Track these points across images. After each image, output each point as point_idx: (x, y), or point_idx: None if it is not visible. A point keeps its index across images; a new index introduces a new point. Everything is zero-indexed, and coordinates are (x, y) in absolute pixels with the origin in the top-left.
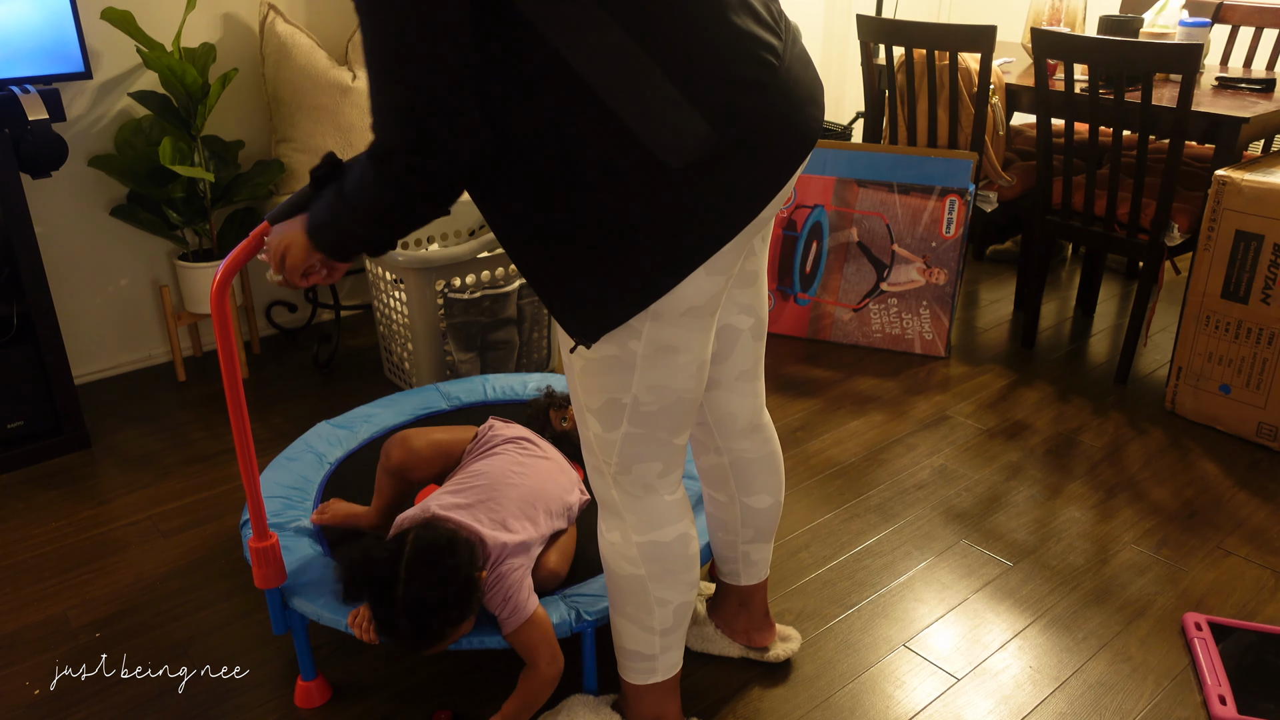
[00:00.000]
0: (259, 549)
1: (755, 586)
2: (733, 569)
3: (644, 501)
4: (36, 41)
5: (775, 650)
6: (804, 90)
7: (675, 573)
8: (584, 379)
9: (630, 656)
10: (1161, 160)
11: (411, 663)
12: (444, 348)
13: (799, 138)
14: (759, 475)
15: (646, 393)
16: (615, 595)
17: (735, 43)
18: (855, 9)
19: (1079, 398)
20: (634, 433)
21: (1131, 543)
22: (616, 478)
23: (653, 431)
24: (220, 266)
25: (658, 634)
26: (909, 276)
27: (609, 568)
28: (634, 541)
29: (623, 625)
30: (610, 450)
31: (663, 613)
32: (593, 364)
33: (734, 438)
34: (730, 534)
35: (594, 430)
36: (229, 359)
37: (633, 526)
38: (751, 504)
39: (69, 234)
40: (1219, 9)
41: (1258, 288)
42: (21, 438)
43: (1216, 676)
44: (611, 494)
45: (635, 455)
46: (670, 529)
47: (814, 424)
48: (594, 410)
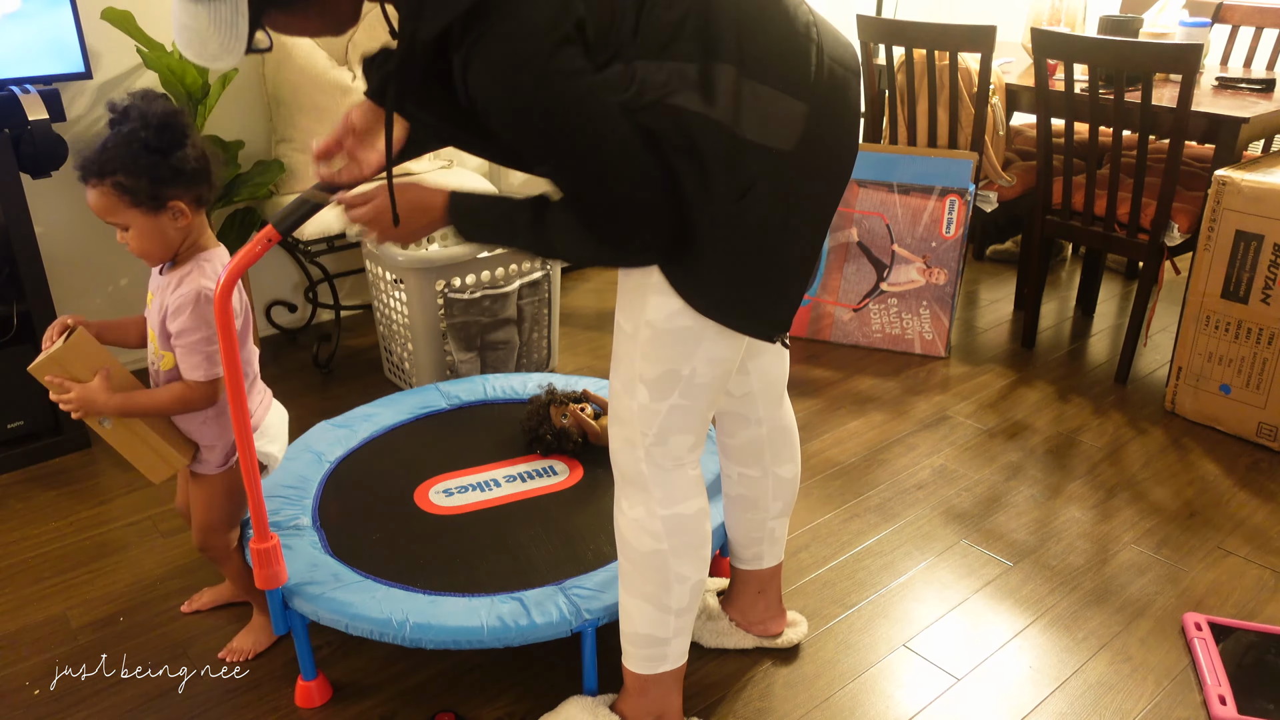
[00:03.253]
0: (260, 550)
1: (774, 570)
2: (756, 551)
3: (672, 475)
4: (36, 41)
5: (787, 635)
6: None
7: (695, 547)
8: (649, 349)
9: (642, 642)
10: (1161, 160)
11: (412, 662)
12: (444, 348)
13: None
14: (787, 444)
15: (705, 364)
16: (632, 575)
17: (804, 67)
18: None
19: (1079, 398)
20: (681, 404)
21: (1131, 543)
22: (650, 450)
23: (696, 403)
24: (224, 271)
25: (673, 614)
26: (909, 276)
27: (628, 545)
28: (659, 515)
29: (637, 608)
30: (652, 421)
31: (680, 590)
32: (664, 334)
33: (773, 405)
34: (760, 511)
35: (640, 400)
36: (230, 359)
37: (658, 500)
38: (782, 474)
39: (69, 234)
40: (1219, 9)
41: (1258, 288)
42: (21, 438)
43: (1216, 676)
44: (641, 468)
45: (675, 426)
46: (692, 502)
47: (814, 424)
48: (648, 380)
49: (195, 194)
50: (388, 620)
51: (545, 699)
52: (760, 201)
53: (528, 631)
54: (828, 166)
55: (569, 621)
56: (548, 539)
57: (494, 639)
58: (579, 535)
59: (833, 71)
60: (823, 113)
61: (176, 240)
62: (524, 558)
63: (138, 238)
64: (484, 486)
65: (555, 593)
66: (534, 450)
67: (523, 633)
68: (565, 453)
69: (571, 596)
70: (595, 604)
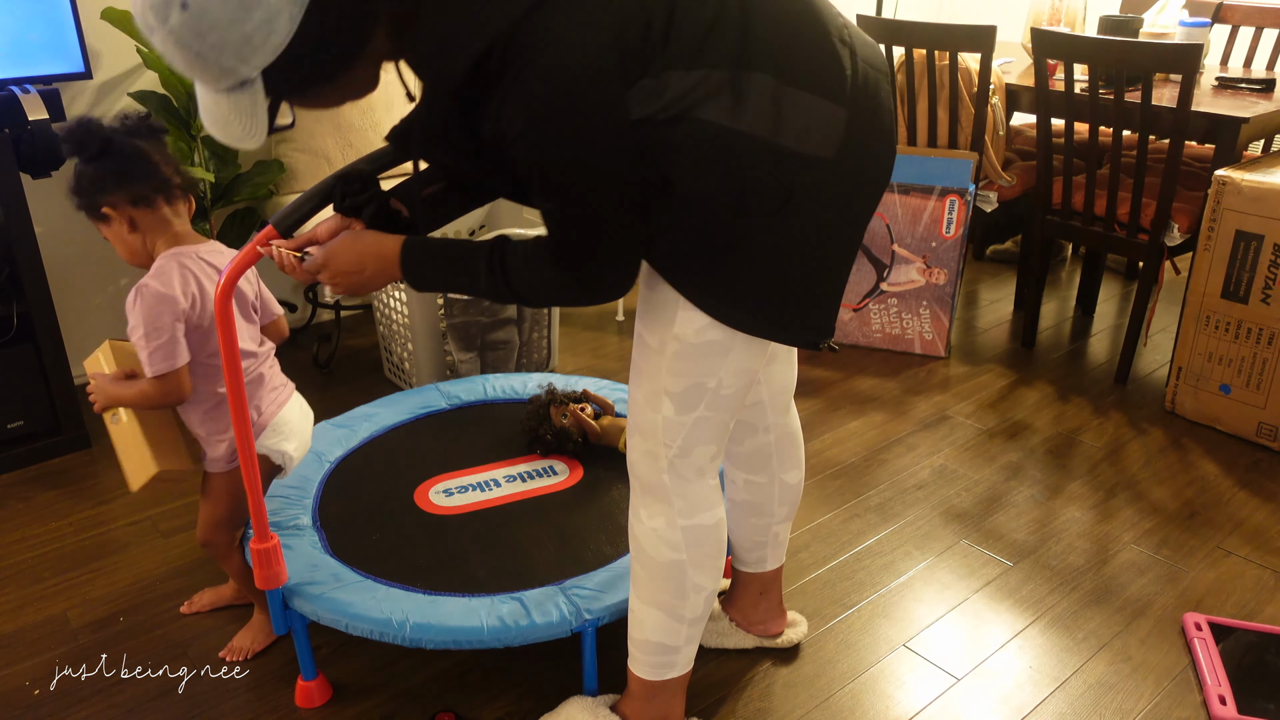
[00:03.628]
0: (260, 550)
1: (775, 572)
2: (760, 555)
3: (694, 486)
4: (36, 42)
5: (787, 635)
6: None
7: (713, 557)
8: (676, 363)
9: (652, 650)
10: (1161, 160)
11: (412, 662)
12: (444, 348)
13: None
14: (793, 449)
15: (732, 376)
16: (647, 584)
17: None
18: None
19: (1079, 398)
20: (706, 416)
21: (1131, 543)
22: (674, 461)
23: (720, 414)
24: (224, 272)
25: (686, 623)
26: (909, 276)
27: (645, 555)
28: (679, 526)
29: (650, 616)
30: (677, 434)
31: (695, 600)
32: (691, 348)
33: (781, 412)
34: (765, 517)
35: (665, 414)
36: (230, 359)
37: (679, 511)
38: (788, 480)
39: (69, 234)
40: (1219, 9)
41: (1258, 288)
42: (21, 438)
43: (1216, 676)
44: (663, 479)
45: (699, 438)
46: (712, 513)
47: (814, 424)
48: (674, 394)
49: (129, 194)
50: (388, 620)
51: (545, 699)
52: (800, 211)
53: (528, 631)
54: (865, 170)
55: (569, 622)
56: (548, 539)
57: (494, 639)
58: (579, 535)
59: (866, 75)
60: (860, 117)
61: (136, 242)
62: (524, 558)
63: (114, 247)
64: (484, 486)
65: (555, 593)
66: (534, 450)
67: (523, 633)
68: (565, 453)
69: (572, 597)
70: (596, 604)
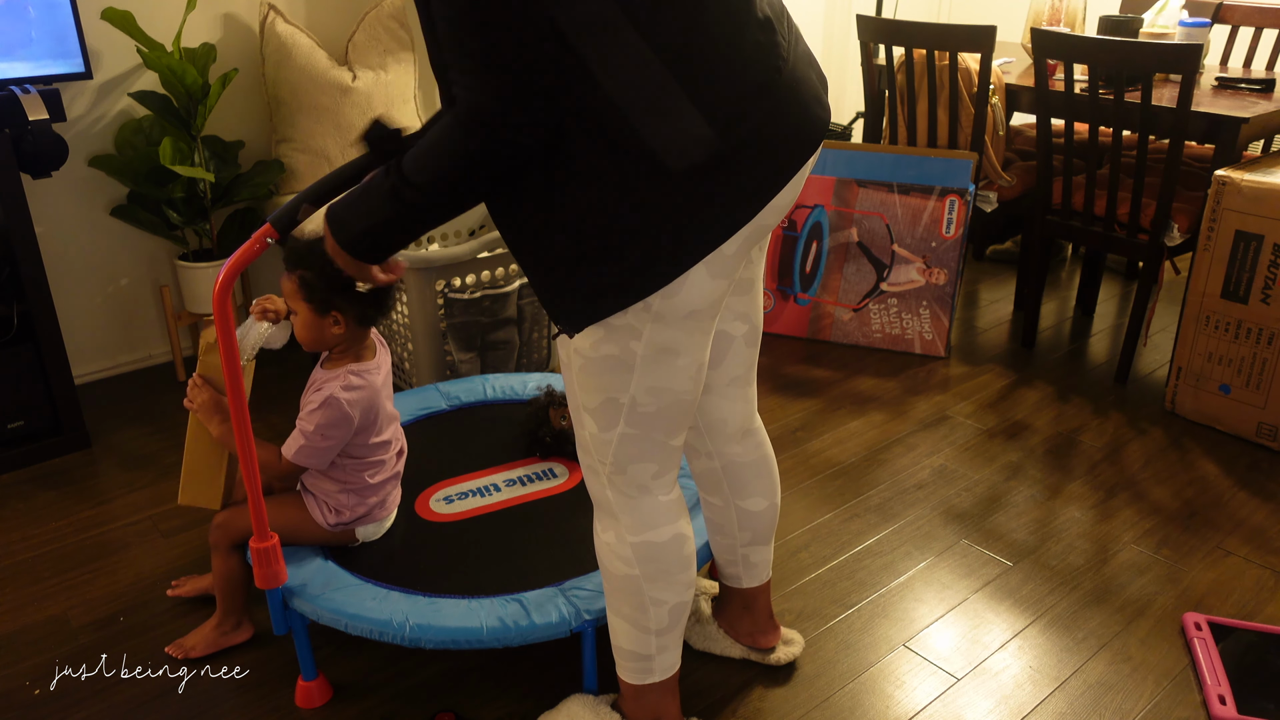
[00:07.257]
0: (260, 549)
1: (758, 589)
2: (734, 572)
3: (639, 502)
4: (37, 42)
5: (779, 653)
6: (809, 90)
7: (670, 573)
8: (582, 378)
9: (627, 656)
10: (1161, 160)
11: (411, 662)
12: (444, 348)
13: (803, 138)
14: (752, 479)
15: (645, 394)
16: (611, 595)
17: (743, 49)
18: (855, 9)
19: (1079, 398)
20: (630, 433)
21: (1131, 543)
22: (611, 478)
23: (649, 432)
24: (223, 268)
25: (653, 634)
26: (909, 276)
27: (604, 567)
28: (629, 542)
29: (619, 625)
30: (606, 450)
31: (658, 613)
32: (592, 363)
33: (725, 442)
34: (728, 537)
35: (590, 430)
36: (230, 359)
37: (627, 527)
38: (746, 507)
39: (69, 234)
40: (1219, 9)
41: (1257, 288)
42: (21, 438)
43: (1216, 676)
44: (606, 494)
45: (631, 455)
46: (665, 529)
47: (814, 424)
48: (591, 410)
49: (359, 312)
50: (388, 621)
51: (545, 699)
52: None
53: (527, 632)
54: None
55: (568, 622)
56: (548, 541)
57: (494, 639)
58: (579, 537)
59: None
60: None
61: (331, 341)
62: (524, 560)
63: (300, 326)
64: (484, 491)
65: (555, 594)
66: (533, 453)
67: (522, 633)
68: (564, 455)
69: (571, 597)
70: (595, 605)
